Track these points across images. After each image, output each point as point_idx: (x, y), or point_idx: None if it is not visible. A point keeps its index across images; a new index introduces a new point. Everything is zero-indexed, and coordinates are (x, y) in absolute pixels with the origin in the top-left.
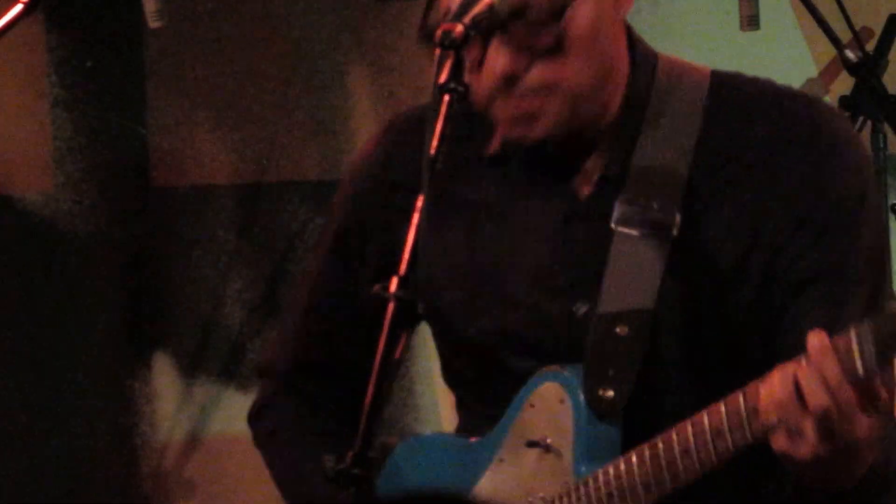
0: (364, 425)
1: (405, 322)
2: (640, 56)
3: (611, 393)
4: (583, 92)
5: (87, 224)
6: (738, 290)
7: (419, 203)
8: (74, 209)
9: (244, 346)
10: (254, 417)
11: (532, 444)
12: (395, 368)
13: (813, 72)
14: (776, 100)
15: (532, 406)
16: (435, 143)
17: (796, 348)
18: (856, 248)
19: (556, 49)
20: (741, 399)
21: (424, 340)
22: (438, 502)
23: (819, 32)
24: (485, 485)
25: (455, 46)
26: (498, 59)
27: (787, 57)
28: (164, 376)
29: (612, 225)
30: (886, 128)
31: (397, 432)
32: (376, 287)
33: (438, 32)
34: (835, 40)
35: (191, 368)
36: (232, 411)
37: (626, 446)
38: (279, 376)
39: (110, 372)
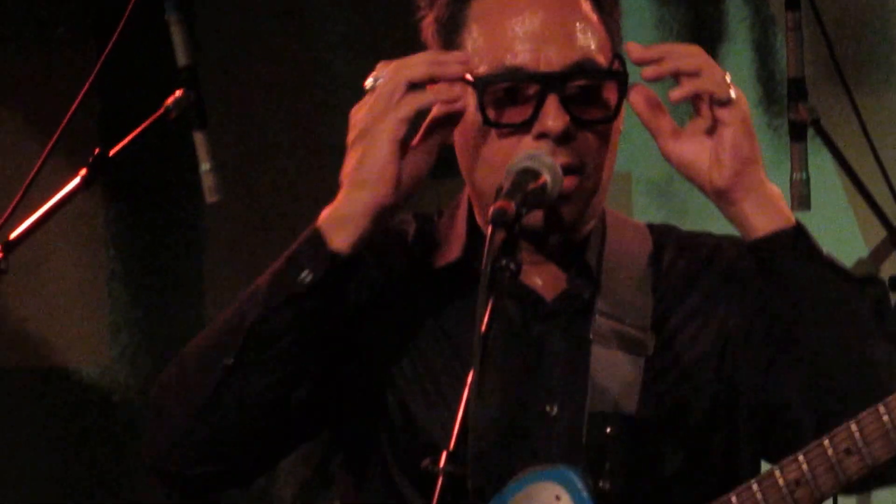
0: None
1: (454, 496)
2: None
3: (608, 486)
4: (606, 168)
5: (142, 396)
6: (712, 389)
7: (470, 379)
8: (130, 381)
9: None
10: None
11: None
12: None
13: (864, 251)
14: (706, 236)
15: None
16: (486, 319)
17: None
18: None
19: (606, 123)
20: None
21: None
22: None
23: (870, 213)
24: None
25: (508, 225)
26: (560, 117)
27: (837, 236)
28: None
29: (591, 336)
30: None
31: None
32: (425, 462)
33: (491, 210)
34: (886, 222)
35: None
36: None
37: None
38: None
39: None
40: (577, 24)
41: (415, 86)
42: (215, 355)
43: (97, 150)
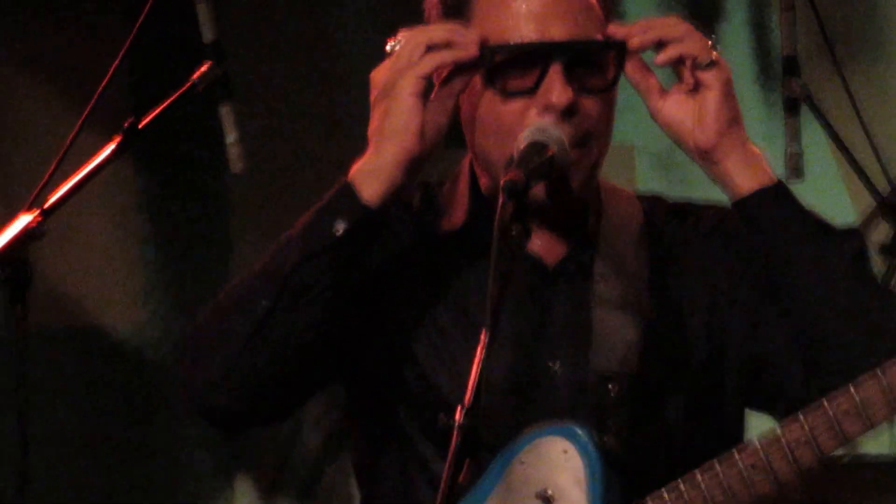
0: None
1: (469, 449)
2: None
3: (612, 441)
4: (606, 138)
5: (173, 353)
6: (705, 346)
7: (483, 338)
8: (161, 339)
9: (321, 469)
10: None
11: (531, 497)
12: (460, 493)
13: (854, 219)
14: (692, 205)
15: (523, 463)
16: (493, 282)
17: (777, 351)
18: None
19: (605, 92)
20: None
21: None
22: None
23: (859, 183)
24: None
25: (518, 194)
26: (565, 92)
27: (828, 205)
28: (245, 497)
29: (592, 299)
30: None
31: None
32: (441, 416)
33: (503, 181)
34: (874, 190)
35: (271, 489)
36: None
37: (626, 488)
38: None
39: (195, 493)
40: (577, 3)
41: (431, 49)
42: (254, 299)
43: (129, 121)
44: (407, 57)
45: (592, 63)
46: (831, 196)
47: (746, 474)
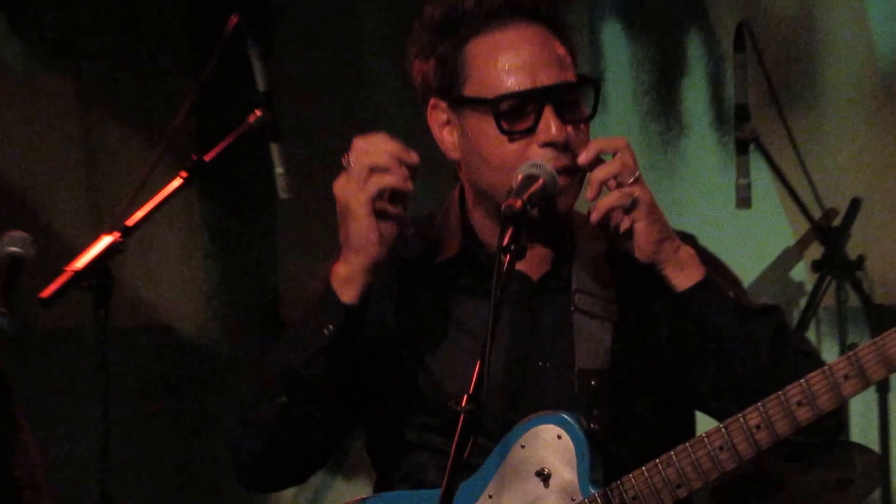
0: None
1: (473, 430)
2: None
3: (597, 427)
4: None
5: (230, 350)
6: (664, 349)
7: (489, 339)
8: (219, 338)
9: (347, 446)
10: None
11: (531, 475)
12: (464, 466)
13: (791, 241)
14: None
15: (523, 447)
16: (495, 292)
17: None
18: (734, 284)
19: (586, 123)
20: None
21: None
22: None
23: (797, 210)
24: None
25: (515, 219)
26: (562, 131)
27: (771, 228)
28: None
29: (572, 308)
30: (847, 286)
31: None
32: (450, 403)
33: (503, 207)
34: (809, 216)
35: None
36: (338, 496)
37: (609, 466)
38: None
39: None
40: (554, 52)
41: (375, 171)
42: (273, 396)
43: (195, 157)
44: (355, 178)
45: (573, 101)
46: (773, 220)
47: (714, 454)
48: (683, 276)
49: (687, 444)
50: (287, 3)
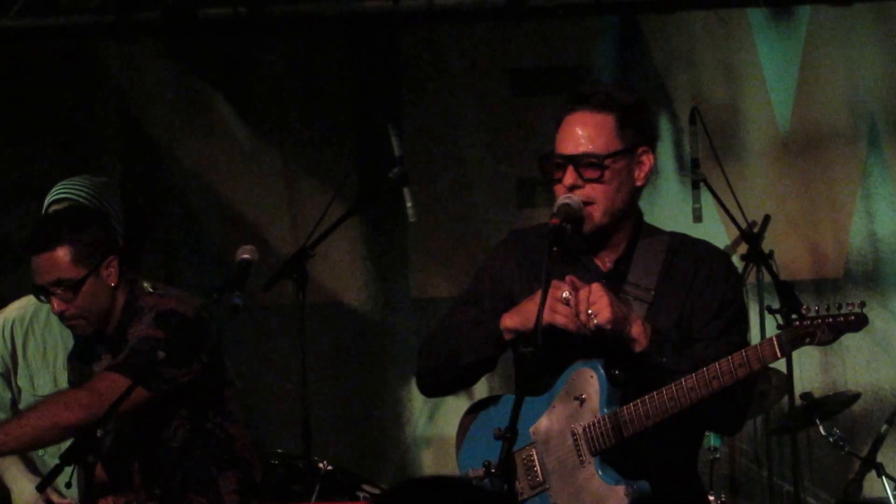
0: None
1: (537, 366)
2: (639, 215)
3: (619, 372)
4: (605, 202)
5: (386, 322)
6: (676, 322)
7: (538, 297)
8: (378, 313)
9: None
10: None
11: (574, 398)
12: (534, 392)
13: (728, 241)
14: (703, 246)
15: (572, 379)
16: (545, 277)
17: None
18: (733, 313)
19: (596, 182)
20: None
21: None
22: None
23: (731, 223)
24: (544, 420)
25: (556, 231)
26: (571, 181)
27: (714, 235)
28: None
29: (624, 288)
30: (763, 270)
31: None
32: (521, 347)
33: (549, 224)
34: (738, 226)
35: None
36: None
37: (625, 400)
38: None
39: (405, 417)
40: (592, 131)
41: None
42: (461, 354)
43: (359, 195)
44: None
45: (588, 164)
46: (716, 229)
47: (702, 382)
48: (640, 341)
49: (664, 388)
50: (412, 100)
